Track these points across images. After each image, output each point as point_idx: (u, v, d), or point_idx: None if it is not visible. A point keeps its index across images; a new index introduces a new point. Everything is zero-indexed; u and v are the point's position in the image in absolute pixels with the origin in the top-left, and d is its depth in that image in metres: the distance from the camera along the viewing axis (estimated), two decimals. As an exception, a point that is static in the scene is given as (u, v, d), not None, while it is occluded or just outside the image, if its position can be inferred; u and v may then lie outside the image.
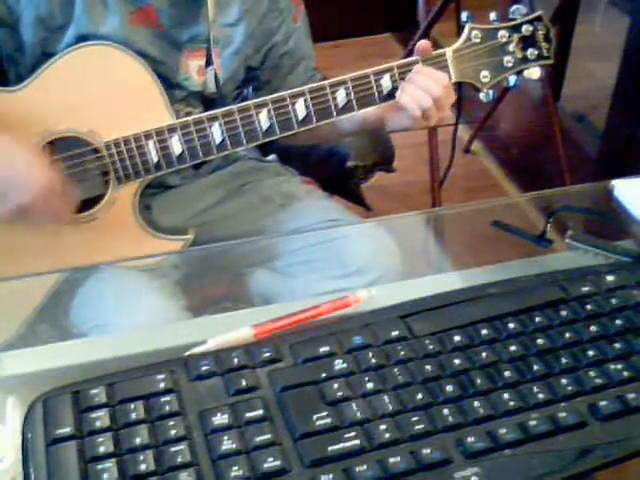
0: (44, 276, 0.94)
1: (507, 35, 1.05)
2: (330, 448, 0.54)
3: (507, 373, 0.60)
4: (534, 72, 1.07)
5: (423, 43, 1.04)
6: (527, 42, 1.05)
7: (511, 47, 1.05)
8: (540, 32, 1.05)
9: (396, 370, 0.59)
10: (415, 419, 0.56)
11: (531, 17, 1.05)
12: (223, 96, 1.11)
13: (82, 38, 1.00)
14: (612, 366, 0.61)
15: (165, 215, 1.14)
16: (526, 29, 1.05)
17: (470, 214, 0.97)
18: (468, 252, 0.93)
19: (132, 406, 0.56)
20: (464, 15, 1.05)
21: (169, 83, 1.05)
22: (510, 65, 1.05)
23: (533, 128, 2.46)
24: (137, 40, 1.01)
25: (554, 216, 0.80)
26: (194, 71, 1.07)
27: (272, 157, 1.31)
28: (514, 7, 1.05)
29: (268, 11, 1.11)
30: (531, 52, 1.05)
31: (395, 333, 0.63)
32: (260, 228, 1.17)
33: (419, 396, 0.57)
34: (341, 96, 1.02)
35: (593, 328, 0.64)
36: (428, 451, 0.53)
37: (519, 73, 1.07)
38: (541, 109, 2.18)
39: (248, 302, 1.01)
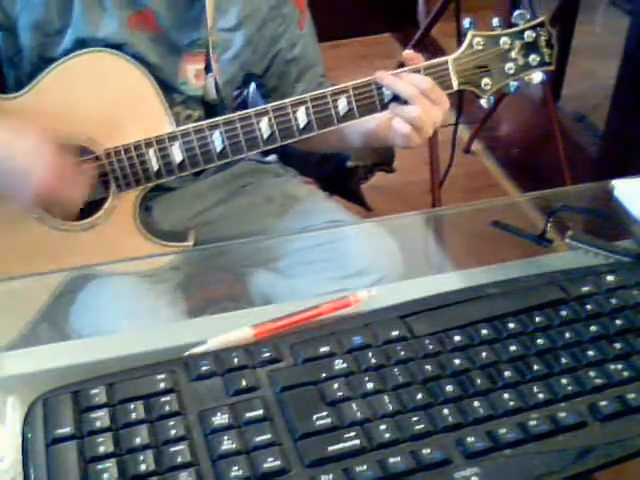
0: (45, 276, 0.94)
1: (509, 42, 1.03)
2: (330, 448, 0.54)
3: (507, 373, 0.60)
4: (535, 77, 1.06)
5: (408, 53, 1.03)
6: (529, 48, 1.04)
7: (513, 54, 1.04)
8: (542, 38, 1.04)
9: (396, 370, 0.59)
10: (415, 419, 0.56)
11: (534, 23, 1.04)
12: (222, 100, 1.10)
13: (80, 42, 0.99)
14: (612, 366, 0.61)
15: (166, 216, 1.14)
16: (529, 35, 1.04)
17: (470, 214, 0.97)
18: (468, 252, 0.93)
19: (132, 406, 0.56)
20: (466, 22, 1.04)
21: (168, 87, 1.05)
22: (512, 72, 1.05)
23: (533, 128, 2.47)
24: (135, 44, 1.01)
25: (554, 216, 0.80)
26: (191, 75, 1.07)
27: (272, 157, 1.31)
28: (517, 12, 1.04)
29: (270, 17, 1.10)
30: (533, 58, 1.04)
31: (395, 333, 0.63)
32: (261, 229, 1.17)
33: (419, 396, 0.57)
34: (342, 104, 1.01)
35: (593, 328, 0.64)
36: (428, 451, 0.53)
37: (520, 79, 1.07)
38: (541, 109, 2.18)
39: (248, 302, 1.01)
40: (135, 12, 1.01)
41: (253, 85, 1.23)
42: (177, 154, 1.01)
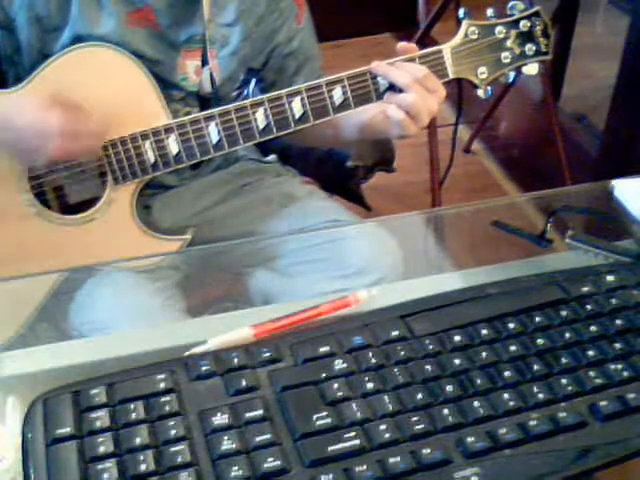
0: (44, 276, 0.94)
1: (505, 31, 1.04)
2: (330, 448, 0.54)
3: (507, 373, 0.60)
4: (532, 68, 1.06)
5: (402, 45, 1.03)
6: (525, 38, 1.04)
7: (509, 43, 1.04)
8: (538, 27, 1.05)
9: (396, 370, 0.59)
10: (415, 419, 0.56)
11: (529, 12, 1.04)
12: (221, 96, 1.10)
13: (78, 39, 0.99)
14: (612, 366, 0.61)
15: (165, 215, 1.14)
16: (524, 24, 1.04)
17: (470, 214, 0.97)
18: (468, 252, 0.93)
19: (132, 406, 0.56)
20: (461, 12, 1.04)
21: (167, 83, 1.05)
22: (508, 61, 1.05)
23: (533, 128, 2.46)
24: (134, 41, 1.01)
25: (554, 216, 0.80)
26: (192, 71, 1.07)
27: (272, 157, 1.31)
28: (512, 2, 1.05)
29: (267, 12, 1.10)
30: (529, 48, 1.05)
31: (395, 333, 0.63)
32: (260, 228, 1.16)
33: (419, 396, 0.57)
34: (338, 94, 1.01)
35: (593, 328, 0.64)
36: (428, 451, 0.53)
37: (517, 69, 1.07)
38: (541, 109, 2.18)
39: (248, 302, 1.01)
40: (134, 9, 1.01)
41: (253, 83, 1.23)
42: (173, 146, 1.01)
